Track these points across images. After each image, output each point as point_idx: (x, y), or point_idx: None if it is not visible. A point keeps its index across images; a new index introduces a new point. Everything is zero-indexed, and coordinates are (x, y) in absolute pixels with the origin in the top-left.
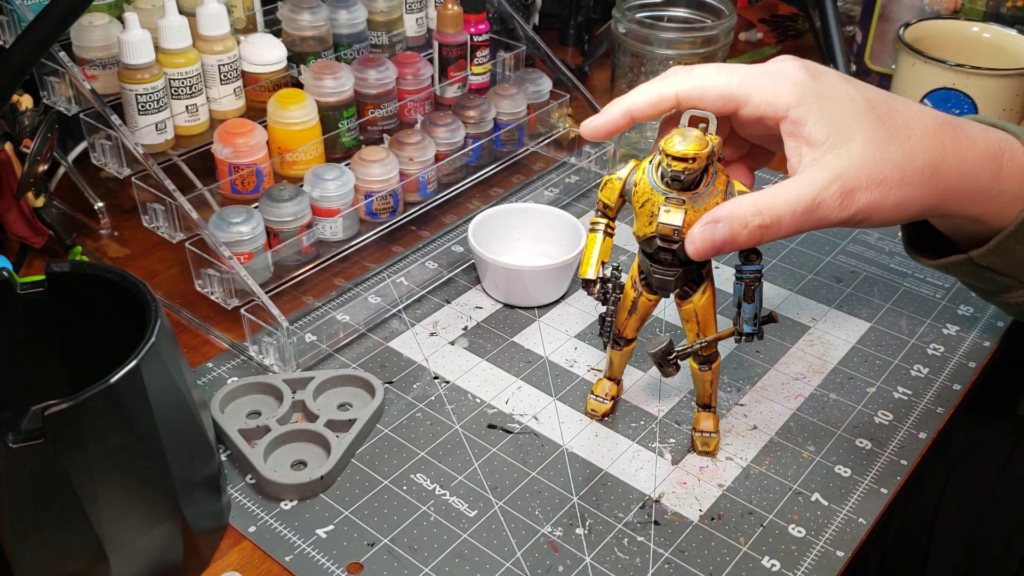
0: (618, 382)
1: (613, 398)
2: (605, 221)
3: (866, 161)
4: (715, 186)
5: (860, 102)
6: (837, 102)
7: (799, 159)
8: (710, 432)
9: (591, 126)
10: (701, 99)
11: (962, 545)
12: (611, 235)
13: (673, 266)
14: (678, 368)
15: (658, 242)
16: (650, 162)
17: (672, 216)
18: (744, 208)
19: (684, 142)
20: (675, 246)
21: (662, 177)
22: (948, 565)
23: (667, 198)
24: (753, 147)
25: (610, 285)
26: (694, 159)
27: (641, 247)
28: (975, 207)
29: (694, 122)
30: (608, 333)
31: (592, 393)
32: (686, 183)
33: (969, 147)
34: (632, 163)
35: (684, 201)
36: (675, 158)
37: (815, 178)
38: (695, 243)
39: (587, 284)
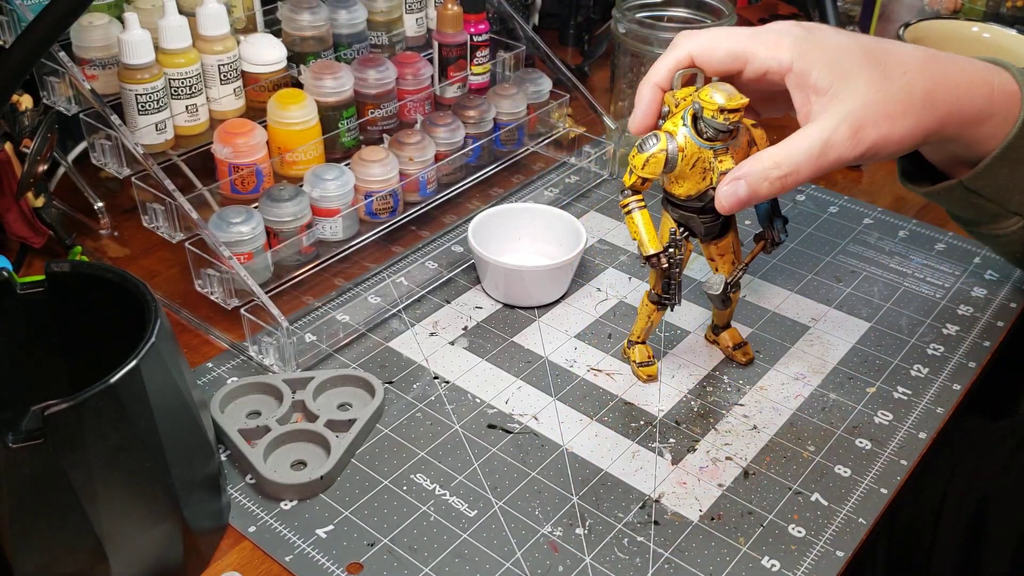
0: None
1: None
2: (638, 196)
3: (871, 100)
4: (741, 128)
5: (856, 49)
6: (835, 51)
7: (808, 108)
8: (742, 342)
9: (637, 120)
10: (712, 56)
11: (964, 545)
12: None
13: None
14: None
15: (711, 193)
16: (684, 125)
17: (727, 164)
18: (763, 163)
19: (726, 94)
20: None
21: (701, 134)
22: (951, 565)
23: (714, 151)
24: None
25: (672, 249)
26: (738, 109)
27: (682, 206)
28: (970, 129)
29: (688, 80)
30: (677, 295)
31: (635, 363)
32: (734, 132)
33: (958, 74)
34: (660, 135)
35: (727, 148)
36: (730, 111)
37: (825, 123)
38: (722, 202)
39: (652, 258)
